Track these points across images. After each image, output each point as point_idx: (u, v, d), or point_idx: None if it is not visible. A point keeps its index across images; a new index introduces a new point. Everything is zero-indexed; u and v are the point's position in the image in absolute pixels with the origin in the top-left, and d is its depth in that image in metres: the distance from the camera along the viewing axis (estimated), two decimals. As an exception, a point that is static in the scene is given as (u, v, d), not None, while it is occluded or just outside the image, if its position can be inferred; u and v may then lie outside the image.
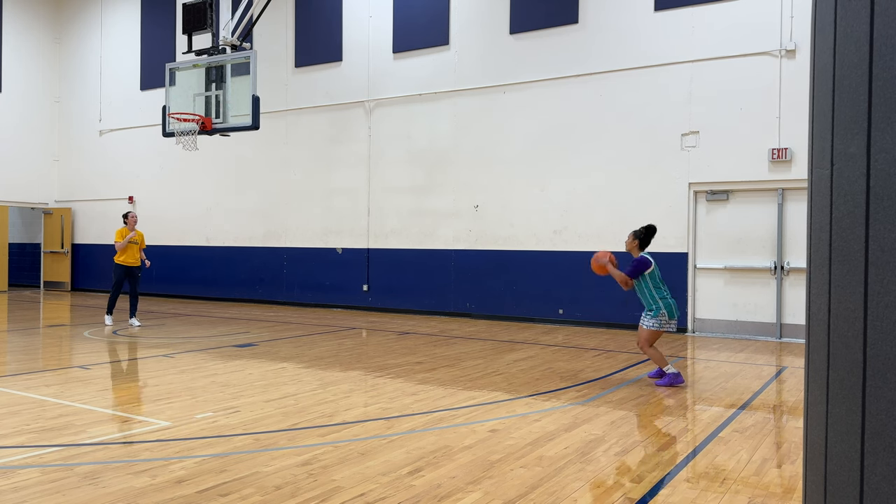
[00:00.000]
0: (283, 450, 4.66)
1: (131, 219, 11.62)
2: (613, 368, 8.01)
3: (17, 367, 7.78)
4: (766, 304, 10.95)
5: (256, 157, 16.28)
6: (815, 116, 2.00)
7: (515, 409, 5.89)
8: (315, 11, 15.39)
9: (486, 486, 3.99)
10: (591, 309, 12.16)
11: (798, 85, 10.55)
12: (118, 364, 8.34)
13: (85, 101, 19.51)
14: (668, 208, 11.59)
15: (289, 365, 7.99)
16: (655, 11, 11.72)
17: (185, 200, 17.45)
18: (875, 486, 1.72)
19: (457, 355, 8.83)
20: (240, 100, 10.69)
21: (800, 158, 10.65)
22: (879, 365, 1.71)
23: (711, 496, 3.88)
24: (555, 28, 12.60)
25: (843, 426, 1.81)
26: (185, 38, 12.22)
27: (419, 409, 5.84)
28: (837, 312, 1.83)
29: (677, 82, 11.53)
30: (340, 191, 15.06)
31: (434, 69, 13.87)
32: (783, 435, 5.25)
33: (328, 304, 15.12)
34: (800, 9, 10.58)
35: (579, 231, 12.32)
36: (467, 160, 13.52)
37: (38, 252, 20.58)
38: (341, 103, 15.01)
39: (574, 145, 12.41)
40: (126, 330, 11.20)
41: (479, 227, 13.38)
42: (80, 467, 4.25)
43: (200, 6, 11.10)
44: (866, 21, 1.74)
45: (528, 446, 4.77)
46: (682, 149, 11.51)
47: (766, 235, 10.99)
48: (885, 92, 1.71)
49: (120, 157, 18.73)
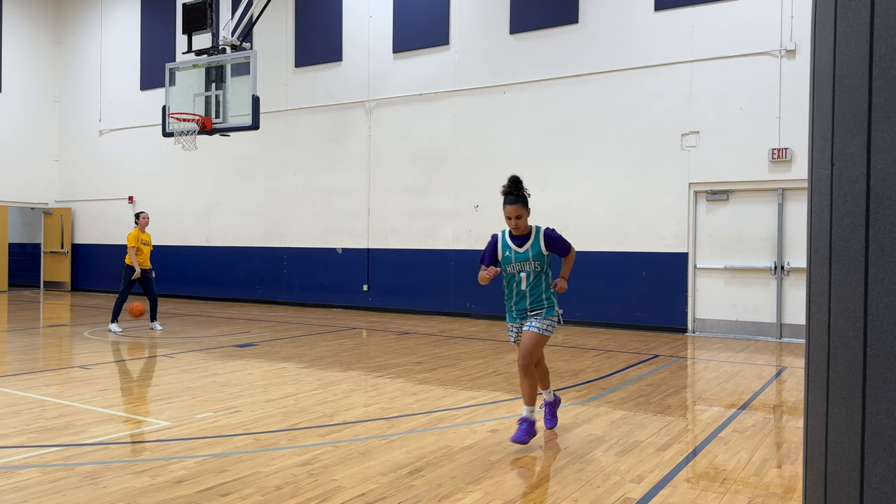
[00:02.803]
0: (283, 450, 4.66)
1: (143, 219, 11.03)
2: (613, 368, 8.01)
3: (18, 367, 7.78)
4: (766, 304, 10.95)
5: (256, 157, 16.28)
6: (815, 116, 2.00)
7: (515, 409, 5.89)
8: (315, 11, 15.39)
9: (486, 486, 3.99)
10: (591, 309, 12.16)
11: (798, 85, 10.55)
12: (118, 364, 8.34)
13: (85, 101, 19.51)
14: (668, 208, 11.59)
15: (289, 365, 7.99)
16: (655, 11, 11.72)
17: (185, 200, 17.45)
18: (875, 486, 1.72)
19: (457, 355, 8.83)
20: (240, 100, 10.69)
21: (800, 158, 10.65)
22: (879, 365, 1.71)
23: (711, 496, 3.88)
24: (555, 28, 12.60)
25: (843, 426, 1.81)
26: (185, 38, 12.21)
27: (419, 409, 5.84)
28: (837, 312, 1.83)
29: (677, 82, 11.53)
30: (340, 191, 15.06)
31: (434, 69, 13.87)
32: (783, 435, 5.25)
33: (328, 304, 15.12)
34: (800, 9, 10.58)
35: (579, 231, 12.32)
36: (467, 160, 13.52)
37: (38, 252, 20.57)
38: (341, 103, 15.01)
39: (574, 145, 12.41)
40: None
41: (479, 227, 13.38)
42: (80, 467, 4.25)
43: (200, 6, 11.10)
44: (866, 21, 1.74)
45: (528, 446, 4.76)
46: (682, 149, 11.51)
47: (766, 235, 10.99)
48: (885, 92, 1.71)
49: (120, 157, 18.73)
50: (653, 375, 7.59)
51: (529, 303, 4.76)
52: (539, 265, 4.79)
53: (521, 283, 4.78)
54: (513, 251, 4.79)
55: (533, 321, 4.75)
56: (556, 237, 4.89)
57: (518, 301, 4.80)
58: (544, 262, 4.82)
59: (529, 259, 4.76)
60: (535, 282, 4.78)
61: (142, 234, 10.96)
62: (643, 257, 11.76)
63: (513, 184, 4.71)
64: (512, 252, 4.80)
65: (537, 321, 4.74)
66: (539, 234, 4.83)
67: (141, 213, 11.18)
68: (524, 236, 4.82)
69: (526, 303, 4.77)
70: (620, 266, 11.95)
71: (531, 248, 4.77)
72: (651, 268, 11.70)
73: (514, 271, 4.80)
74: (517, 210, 4.71)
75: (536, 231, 4.85)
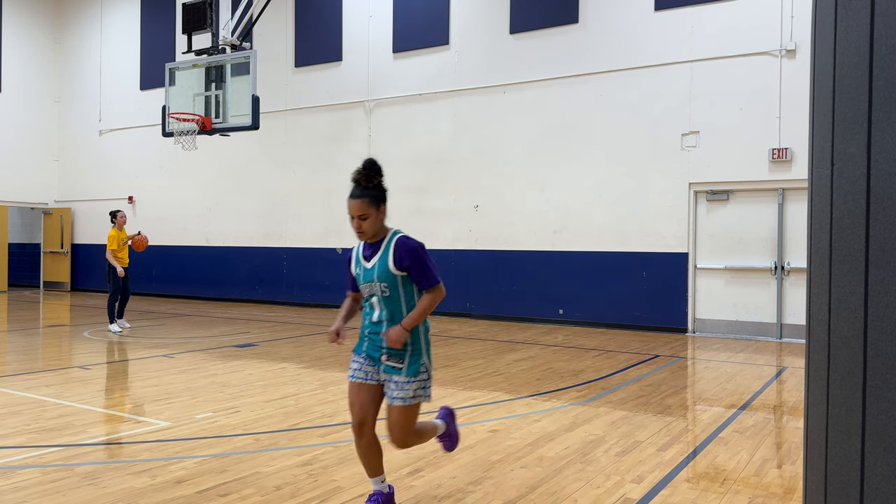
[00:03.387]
0: (283, 450, 4.65)
1: (120, 218, 10.92)
2: (613, 369, 8.01)
3: (17, 367, 7.78)
4: (767, 304, 10.95)
5: (256, 157, 16.28)
6: (815, 116, 2.00)
7: (515, 409, 5.89)
8: (315, 11, 15.39)
9: (486, 486, 3.99)
10: (591, 309, 12.16)
11: (798, 85, 10.55)
12: (118, 364, 8.34)
13: (85, 101, 19.51)
14: (668, 208, 11.59)
15: (289, 365, 7.99)
16: (655, 11, 11.72)
17: (185, 200, 17.45)
18: (875, 486, 1.72)
19: (457, 355, 8.83)
20: (239, 100, 10.69)
21: (800, 158, 10.64)
22: (879, 365, 1.71)
23: (712, 496, 3.88)
24: (555, 28, 12.60)
25: (843, 426, 1.81)
26: (184, 38, 12.20)
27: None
28: (838, 312, 1.83)
29: (677, 82, 11.53)
30: (340, 191, 15.04)
31: (434, 69, 13.87)
32: (783, 435, 5.25)
33: (328, 304, 15.12)
34: (800, 9, 10.58)
35: (579, 231, 12.32)
36: (467, 160, 13.52)
37: (37, 252, 20.57)
38: (341, 103, 15.01)
39: (574, 145, 12.41)
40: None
41: (479, 227, 13.38)
42: (80, 467, 4.25)
43: (200, 6, 11.10)
44: (866, 21, 1.74)
45: (528, 446, 4.76)
46: (682, 149, 11.51)
47: (766, 235, 10.99)
48: (885, 92, 1.70)
49: (120, 157, 18.73)
50: (653, 376, 7.59)
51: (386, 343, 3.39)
52: (387, 289, 3.38)
53: (373, 309, 3.45)
54: (361, 266, 3.49)
55: (393, 388, 3.38)
56: (415, 253, 3.37)
57: (371, 332, 3.49)
58: (396, 285, 3.38)
59: (375, 279, 3.39)
60: (391, 313, 3.41)
61: (121, 233, 10.91)
62: (643, 257, 11.76)
63: (364, 170, 3.39)
64: (360, 267, 3.49)
65: (398, 389, 3.36)
66: (390, 245, 3.40)
67: (118, 212, 11.05)
68: (376, 245, 3.45)
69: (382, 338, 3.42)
70: (620, 266, 11.95)
71: (378, 262, 3.40)
72: (651, 268, 11.70)
73: (365, 294, 3.48)
74: (360, 207, 3.36)
75: (390, 238, 3.43)
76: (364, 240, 3.46)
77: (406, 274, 3.38)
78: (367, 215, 3.37)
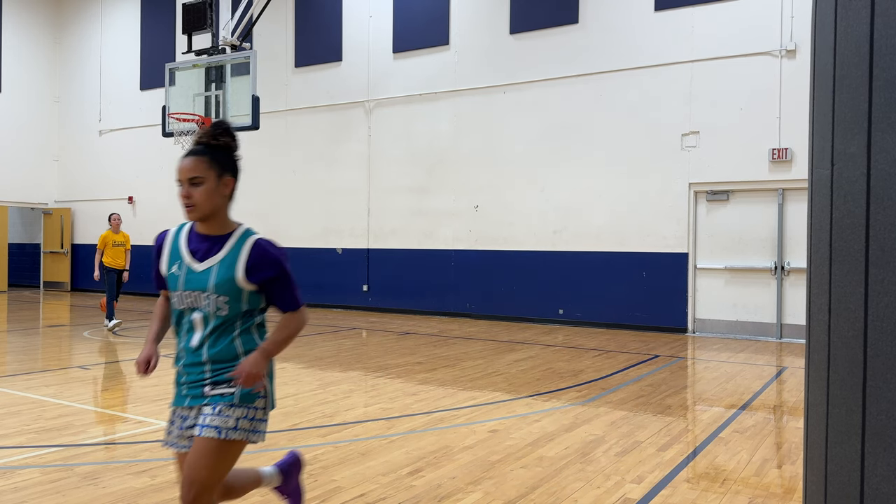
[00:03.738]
0: (283, 450, 4.65)
1: (114, 221, 11.01)
2: (613, 369, 8.01)
3: (17, 367, 7.78)
4: (767, 304, 10.95)
5: (256, 157, 16.27)
6: (815, 116, 2.00)
7: (515, 409, 5.89)
8: (315, 11, 15.39)
9: (486, 486, 3.99)
10: (591, 309, 12.16)
11: (798, 85, 10.55)
12: (118, 364, 8.34)
13: (85, 101, 19.51)
14: (668, 208, 11.59)
15: (289, 365, 7.99)
16: (655, 11, 11.72)
17: (185, 200, 17.43)
18: (875, 487, 1.72)
19: (457, 355, 8.83)
20: (239, 100, 10.69)
21: (800, 158, 10.64)
22: (879, 365, 1.71)
23: (712, 496, 3.88)
24: (555, 28, 12.60)
25: (843, 426, 1.81)
26: (184, 38, 12.20)
27: (419, 410, 5.83)
28: (837, 312, 1.83)
29: (677, 82, 11.53)
30: (340, 191, 15.06)
31: (434, 69, 13.87)
32: (783, 435, 5.25)
33: (328, 304, 15.12)
34: (800, 9, 10.58)
35: (579, 231, 12.32)
36: (467, 160, 13.52)
37: (37, 252, 20.57)
38: (341, 103, 15.01)
39: (574, 145, 12.41)
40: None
41: (479, 227, 13.38)
42: (80, 467, 4.25)
43: (200, 6, 11.11)
44: (866, 21, 1.74)
45: (529, 446, 4.76)
46: (682, 149, 11.51)
47: (766, 235, 10.99)
48: (885, 92, 1.70)
49: (120, 157, 18.72)
50: (653, 376, 7.59)
51: (210, 370, 2.45)
52: (225, 305, 2.44)
53: (193, 331, 2.49)
54: (184, 265, 2.48)
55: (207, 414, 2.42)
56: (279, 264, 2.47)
57: (189, 364, 2.49)
58: (239, 303, 2.45)
59: (208, 289, 2.43)
60: (222, 336, 2.46)
61: (113, 236, 10.97)
62: (643, 257, 11.76)
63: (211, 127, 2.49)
64: (182, 266, 2.48)
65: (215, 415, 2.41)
66: (242, 246, 2.47)
67: (112, 215, 11.17)
68: (216, 240, 2.50)
69: (203, 370, 2.46)
70: (620, 266, 11.95)
71: (219, 266, 2.44)
72: (651, 268, 11.70)
73: (181, 306, 2.50)
74: (193, 167, 2.42)
75: (242, 238, 2.50)
76: (194, 218, 2.45)
77: (256, 290, 2.46)
78: (202, 179, 2.42)
